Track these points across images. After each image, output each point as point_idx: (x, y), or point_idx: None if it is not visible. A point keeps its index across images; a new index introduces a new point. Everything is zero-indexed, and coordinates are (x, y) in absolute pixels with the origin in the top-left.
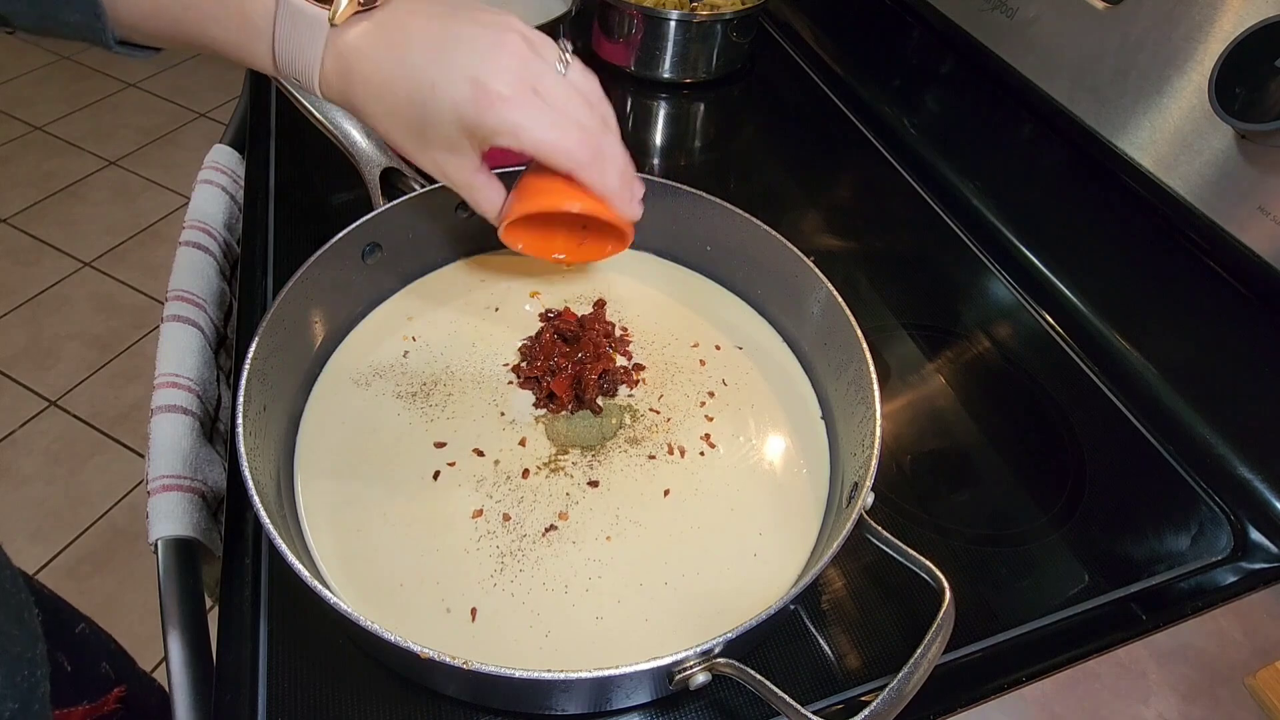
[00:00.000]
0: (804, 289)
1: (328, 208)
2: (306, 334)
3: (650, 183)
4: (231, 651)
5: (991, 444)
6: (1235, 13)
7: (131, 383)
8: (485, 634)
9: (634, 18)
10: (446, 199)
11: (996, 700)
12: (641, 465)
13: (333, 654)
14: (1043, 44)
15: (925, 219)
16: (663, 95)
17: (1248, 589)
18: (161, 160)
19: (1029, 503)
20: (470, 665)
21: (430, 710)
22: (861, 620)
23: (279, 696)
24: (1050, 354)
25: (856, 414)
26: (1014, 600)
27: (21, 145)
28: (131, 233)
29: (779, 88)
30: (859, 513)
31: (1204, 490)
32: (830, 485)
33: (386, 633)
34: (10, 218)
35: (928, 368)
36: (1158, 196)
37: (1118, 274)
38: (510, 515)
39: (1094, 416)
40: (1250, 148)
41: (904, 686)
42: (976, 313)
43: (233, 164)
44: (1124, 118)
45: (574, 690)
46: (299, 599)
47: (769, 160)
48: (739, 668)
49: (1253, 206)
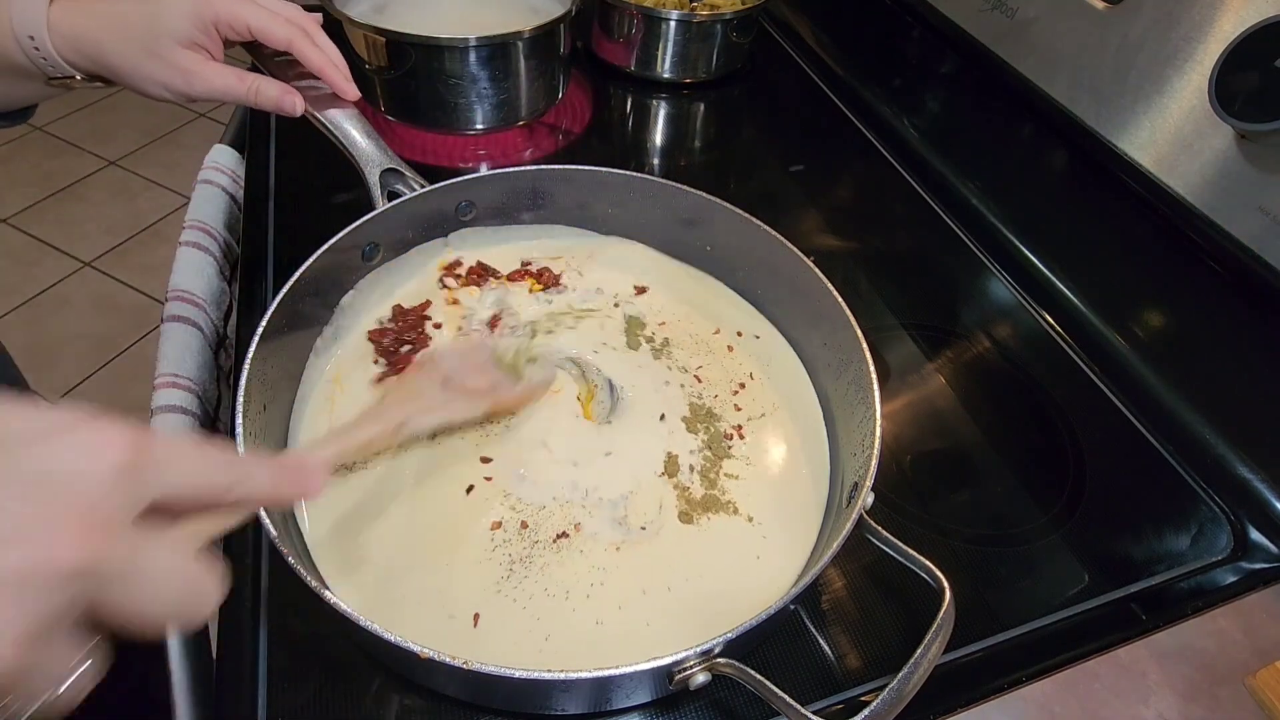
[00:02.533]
0: (804, 289)
1: (328, 208)
2: (306, 335)
3: (651, 183)
4: (231, 651)
5: (991, 444)
6: (1235, 13)
7: (132, 383)
8: (485, 637)
9: (634, 18)
10: (448, 199)
11: (996, 700)
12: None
13: (333, 654)
14: (1043, 44)
15: (925, 219)
16: (663, 95)
17: (1248, 589)
18: (161, 160)
19: (1029, 503)
20: (470, 665)
21: (431, 711)
22: (861, 620)
23: (279, 696)
24: (1050, 354)
25: (857, 414)
26: (1014, 600)
27: (21, 145)
28: (131, 233)
29: (779, 88)
30: (859, 513)
31: (1204, 490)
32: (830, 485)
33: (386, 633)
34: (10, 218)
35: (928, 368)
36: (1158, 196)
37: (1118, 274)
38: (528, 523)
39: (1094, 416)
40: (1250, 148)
41: (904, 687)
42: (976, 313)
43: (233, 164)
44: (1124, 118)
45: (574, 690)
46: (299, 599)
47: (769, 160)
48: (739, 668)
49: (1253, 206)
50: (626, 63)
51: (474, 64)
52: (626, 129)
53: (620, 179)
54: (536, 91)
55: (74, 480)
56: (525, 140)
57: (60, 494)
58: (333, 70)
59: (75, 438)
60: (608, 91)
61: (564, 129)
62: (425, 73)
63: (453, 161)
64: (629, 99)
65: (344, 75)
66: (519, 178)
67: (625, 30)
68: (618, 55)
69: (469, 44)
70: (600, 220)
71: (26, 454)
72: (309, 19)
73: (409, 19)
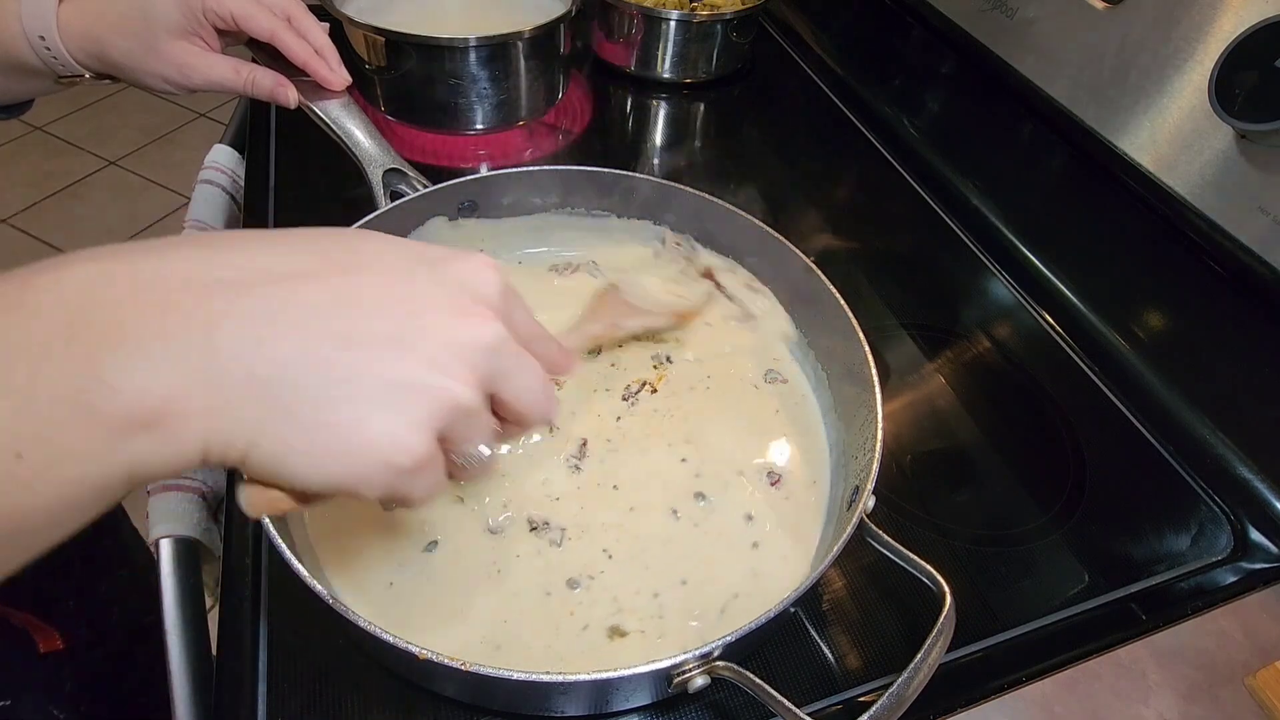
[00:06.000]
0: (804, 289)
1: (327, 208)
2: None
3: (650, 183)
4: (231, 651)
5: (991, 444)
6: (1235, 13)
7: None
8: (488, 635)
9: (634, 18)
10: (450, 198)
11: (996, 700)
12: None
13: (333, 654)
14: (1043, 44)
15: (925, 219)
16: (663, 95)
17: (1248, 589)
18: (161, 160)
19: (1029, 503)
20: (469, 667)
21: (430, 711)
22: (862, 620)
23: (279, 696)
24: (1050, 354)
25: (858, 416)
26: (1014, 600)
27: (21, 145)
28: (131, 233)
29: (779, 88)
30: (860, 516)
31: (1204, 490)
32: (831, 487)
33: (385, 634)
34: (10, 218)
35: (928, 368)
36: (1158, 196)
37: (1118, 274)
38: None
39: (1094, 416)
40: (1250, 148)
41: (904, 691)
42: (976, 313)
43: (233, 164)
44: (1124, 118)
45: (573, 692)
46: (299, 599)
47: (769, 160)
48: (738, 671)
49: (1253, 206)
50: (626, 63)
51: (474, 64)
52: (626, 129)
53: (623, 180)
54: (536, 91)
55: (481, 286)
56: (525, 140)
57: (478, 293)
58: (316, 62)
59: (473, 261)
60: (608, 91)
61: (564, 129)
62: (425, 73)
63: (453, 161)
64: (629, 99)
65: (329, 64)
66: (521, 178)
67: (625, 30)
68: (618, 55)
69: (469, 44)
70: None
71: (445, 267)
72: (295, 6)
73: (409, 19)
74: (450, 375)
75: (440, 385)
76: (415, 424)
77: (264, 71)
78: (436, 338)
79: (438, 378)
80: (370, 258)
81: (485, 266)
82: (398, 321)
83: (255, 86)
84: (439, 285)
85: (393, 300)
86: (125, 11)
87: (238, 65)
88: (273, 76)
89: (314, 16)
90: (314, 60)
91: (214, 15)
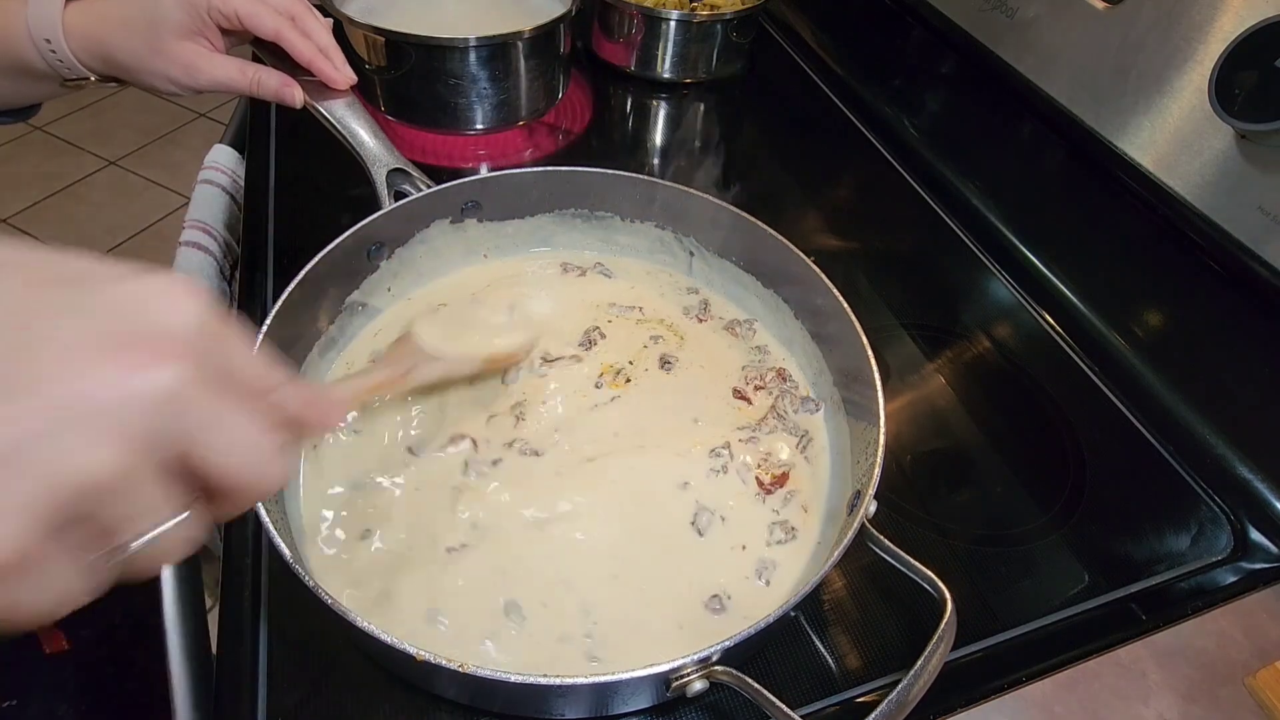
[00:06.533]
0: (805, 289)
1: (327, 208)
2: (309, 334)
3: (650, 183)
4: (231, 651)
5: (991, 444)
6: (1235, 13)
7: None
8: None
9: (634, 18)
10: (453, 199)
11: (996, 700)
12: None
13: (333, 654)
14: (1043, 44)
15: (925, 219)
16: (663, 95)
17: (1248, 589)
18: (161, 160)
19: (1029, 503)
20: (467, 668)
21: (430, 712)
22: (862, 622)
23: (279, 696)
24: (1050, 354)
25: (860, 420)
26: (1014, 600)
27: (21, 145)
28: (131, 233)
29: (779, 88)
30: (861, 521)
31: (1204, 490)
32: (831, 489)
33: (384, 634)
34: (10, 218)
35: (928, 368)
36: (1158, 196)
37: (1118, 274)
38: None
39: (1094, 416)
40: (1250, 148)
41: (904, 697)
42: (976, 313)
43: (233, 164)
44: (1124, 118)
45: (572, 695)
46: (299, 599)
47: (769, 160)
48: (736, 675)
49: (1253, 206)
50: (626, 63)
51: (474, 64)
52: (626, 129)
53: (625, 181)
54: (536, 91)
55: (160, 315)
56: (525, 140)
57: (153, 325)
58: (321, 61)
59: (154, 283)
60: (608, 91)
61: (564, 129)
62: (425, 73)
63: (453, 162)
64: (629, 99)
65: (334, 63)
66: (526, 179)
67: (625, 30)
68: (618, 55)
69: (469, 44)
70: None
71: (99, 290)
72: (299, 5)
73: (409, 19)
74: (77, 440)
75: (50, 457)
76: (9, 510)
77: (270, 71)
78: (56, 389)
79: (48, 446)
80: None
81: (171, 291)
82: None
83: (261, 86)
84: (81, 315)
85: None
86: (130, 13)
87: (243, 65)
88: (278, 76)
89: (318, 15)
90: (319, 59)
91: (219, 15)
